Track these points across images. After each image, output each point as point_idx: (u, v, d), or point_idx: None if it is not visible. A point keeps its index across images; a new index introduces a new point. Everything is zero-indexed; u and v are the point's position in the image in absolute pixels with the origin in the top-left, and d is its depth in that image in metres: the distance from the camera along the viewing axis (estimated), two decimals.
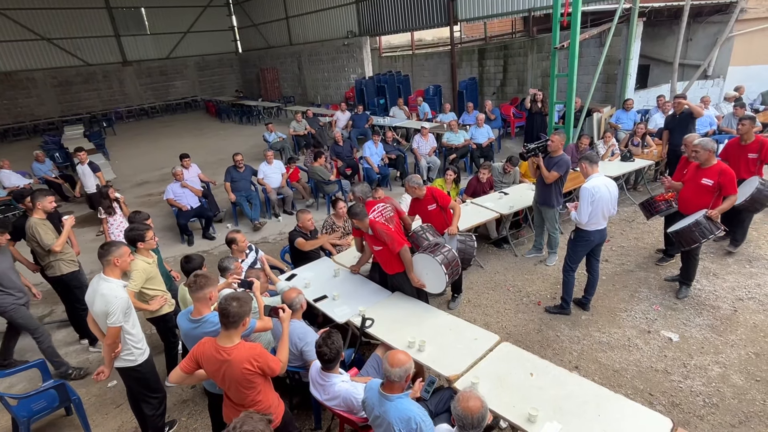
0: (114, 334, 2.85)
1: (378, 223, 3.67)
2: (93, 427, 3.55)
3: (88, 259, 6.47)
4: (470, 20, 13.26)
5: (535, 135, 8.81)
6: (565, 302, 4.41)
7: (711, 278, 4.78)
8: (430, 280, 3.68)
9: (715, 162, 4.10)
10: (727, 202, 4.06)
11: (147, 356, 3.13)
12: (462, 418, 2.04)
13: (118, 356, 2.97)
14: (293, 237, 4.75)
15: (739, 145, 4.89)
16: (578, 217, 4.01)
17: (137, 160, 12.96)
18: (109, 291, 2.83)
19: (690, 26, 10.06)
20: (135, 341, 3.02)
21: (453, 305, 4.71)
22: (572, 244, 4.26)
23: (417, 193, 4.32)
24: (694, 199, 4.22)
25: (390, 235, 3.63)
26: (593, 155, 4.13)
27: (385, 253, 3.75)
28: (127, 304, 2.91)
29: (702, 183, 4.14)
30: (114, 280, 2.91)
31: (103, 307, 2.81)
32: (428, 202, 4.37)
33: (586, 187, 3.94)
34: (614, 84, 10.10)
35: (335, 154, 8.68)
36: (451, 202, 4.41)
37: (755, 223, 5.80)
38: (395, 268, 3.81)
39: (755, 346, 3.79)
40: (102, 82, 21.37)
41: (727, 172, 4.02)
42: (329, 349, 2.68)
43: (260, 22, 22.19)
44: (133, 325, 3.02)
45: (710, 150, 4.08)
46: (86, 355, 4.55)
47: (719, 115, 8.20)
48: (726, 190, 4.03)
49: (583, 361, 3.82)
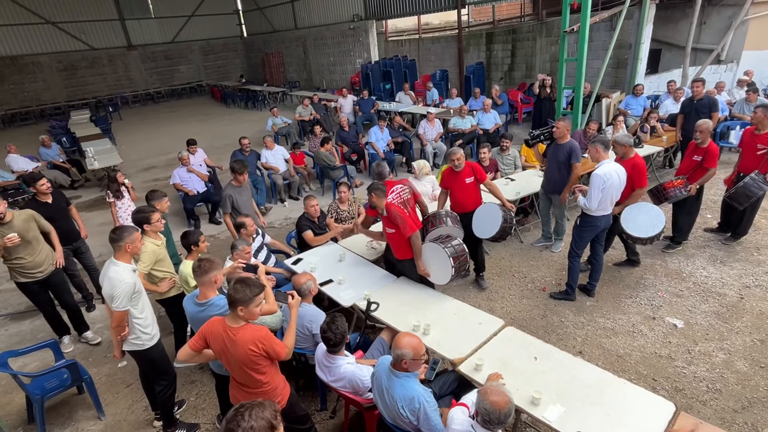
0: (118, 318, 2.86)
1: (393, 206, 3.66)
2: (104, 406, 3.64)
3: (97, 242, 6.57)
4: (478, 3, 13.05)
5: (543, 121, 8.73)
6: (570, 288, 4.41)
7: (718, 265, 4.75)
8: (436, 270, 3.69)
9: (632, 155, 4.25)
10: (633, 197, 4.28)
11: (156, 341, 3.13)
12: (489, 413, 1.99)
13: (126, 339, 3.00)
14: (302, 227, 4.73)
15: (752, 134, 4.78)
16: (588, 203, 3.98)
17: (143, 145, 13.00)
18: (115, 275, 2.83)
19: (704, 9, 9.81)
20: (143, 326, 3.01)
21: (484, 284, 4.80)
22: (578, 230, 4.24)
23: (457, 165, 4.39)
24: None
25: (404, 218, 3.61)
26: (606, 139, 4.04)
27: (396, 236, 3.74)
28: (132, 289, 2.89)
29: None
30: (123, 264, 2.91)
31: (109, 290, 2.82)
32: (467, 174, 4.46)
33: (598, 173, 3.89)
34: (624, 69, 9.92)
35: (341, 140, 8.64)
36: (487, 179, 4.54)
37: (763, 210, 5.73)
38: (404, 253, 3.81)
39: (761, 333, 3.78)
40: (107, 67, 21.35)
41: (639, 165, 4.21)
42: (334, 334, 2.72)
43: (265, 6, 21.94)
44: (142, 310, 3.01)
45: (626, 145, 4.24)
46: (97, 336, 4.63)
47: (730, 100, 8.06)
48: (636, 183, 4.22)
49: (587, 346, 3.84)
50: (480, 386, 2.64)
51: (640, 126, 7.19)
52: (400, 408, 2.35)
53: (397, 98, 12.20)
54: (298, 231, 4.80)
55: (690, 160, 4.76)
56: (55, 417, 3.62)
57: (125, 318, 2.92)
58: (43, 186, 4.50)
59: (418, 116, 10.57)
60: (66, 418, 3.62)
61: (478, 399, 2.06)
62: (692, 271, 4.70)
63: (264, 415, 1.55)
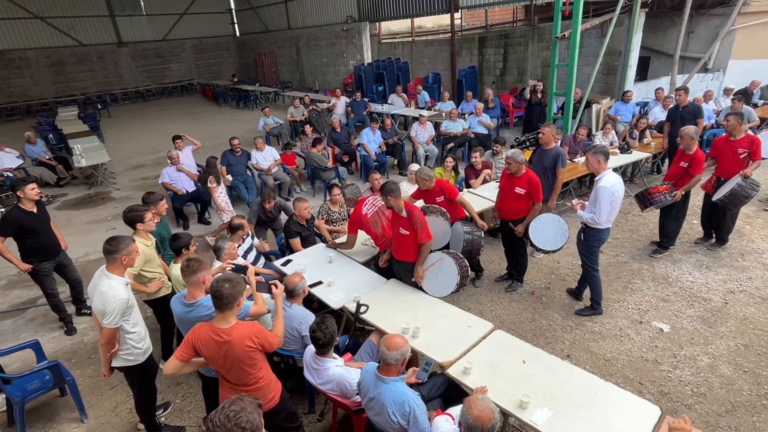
0: (108, 335, 2.71)
1: (416, 209, 3.64)
2: (87, 408, 3.57)
3: (83, 240, 6.47)
4: (471, 8, 13.13)
5: (534, 126, 8.78)
6: (596, 303, 4.28)
7: (704, 271, 4.82)
8: (435, 281, 3.68)
9: (524, 171, 4.27)
10: (532, 212, 4.29)
11: (148, 355, 3.00)
12: (472, 428, 1.96)
13: (116, 355, 2.86)
14: (290, 234, 4.69)
15: (727, 141, 4.86)
16: (597, 217, 3.84)
17: (132, 143, 12.84)
18: (108, 289, 2.67)
19: (692, 18, 9.99)
20: (135, 341, 2.87)
21: (479, 283, 4.85)
22: (586, 246, 4.11)
23: (426, 185, 4.40)
24: (509, 206, 4.44)
25: (424, 224, 3.59)
26: (606, 150, 3.91)
27: (408, 239, 3.69)
28: (126, 304, 2.73)
29: (515, 191, 4.32)
30: (116, 278, 2.75)
31: (100, 306, 2.66)
32: (436, 194, 4.43)
33: (605, 186, 3.77)
34: (614, 75, 10.05)
35: (332, 141, 8.62)
36: (458, 196, 4.45)
37: (749, 216, 5.85)
38: (408, 256, 3.77)
39: (744, 337, 3.84)
40: (96, 63, 21.04)
41: (534, 180, 4.24)
42: (323, 333, 2.70)
43: (258, 5, 21.85)
44: (134, 324, 2.86)
45: (520, 162, 4.24)
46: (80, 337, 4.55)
47: (716, 108, 8.20)
48: (533, 197, 4.27)
49: (575, 350, 3.87)
50: (469, 390, 2.65)
51: (629, 132, 7.29)
52: (391, 414, 2.34)
53: (390, 100, 12.22)
54: (285, 236, 4.76)
55: (677, 167, 4.84)
56: (36, 419, 3.54)
57: (116, 335, 2.77)
58: (33, 191, 4.16)
59: (410, 119, 10.59)
60: (47, 420, 3.54)
61: (462, 411, 2.05)
62: (678, 276, 4.76)
63: (248, 408, 1.61)
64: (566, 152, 6.62)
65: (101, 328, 2.77)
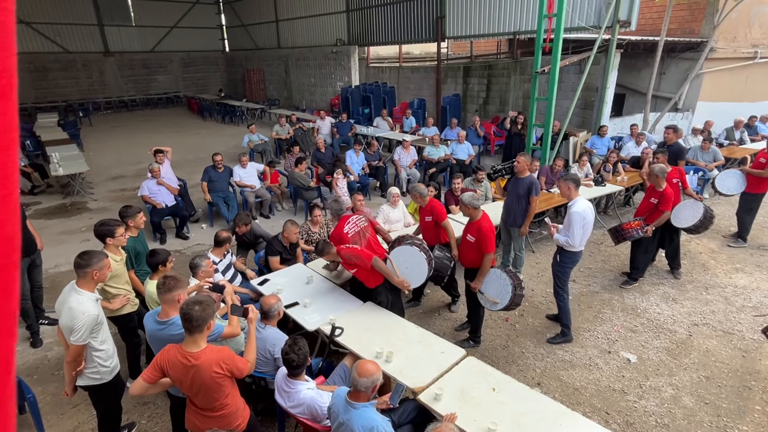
0: (75, 352, 2.66)
1: (343, 250, 3.76)
2: (47, 428, 3.43)
3: (54, 252, 6.30)
4: (457, 38, 13.58)
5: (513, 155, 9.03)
6: (567, 328, 4.36)
7: (670, 303, 4.99)
8: (412, 273, 3.83)
9: (479, 217, 3.98)
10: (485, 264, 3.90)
11: (116, 374, 2.94)
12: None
13: (82, 374, 2.79)
14: (271, 252, 4.67)
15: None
16: (571, 241, 4.02)
17: (113, 154, 12.64)
18: (77, 305, 2.63)
19: (664, 60, 10.56)
20: (103, 359, 2.82)
21: (455, 308, 4.94)
22: (560, 267, 4.25)
23: (419, 202, 4.65)
24: (463, 253, 4.20)
25: (357, 254, 3.71)
26: (577, 177, 4.18)
27: (361, 272, 3.82)
28: (95, 321, 2.69)
29: (467, 238, 4.08)
30: (86, 294, 2.71)
31: (68, 322, 2.61)
32: (426, 213, 4.63)
33: (577, 211, 3.98)
34: (591, 110, 10.48)
35: (316, 161, 8.69)
36: (445, 221, 4.55)
37: (713, 252, 6.10)
38: (375, 281, 3.86)
39: (706, 370, 3.98)
40: (81, 71, 20.82)
41: (484, 228, 3.90)
42: (296, 355, 2.69)
43: (249, 23, 22.12)
44: (103, 341, 2.81)
45: (473, 207, 3.99)
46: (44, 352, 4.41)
47: (684, 147, 8.61)
48: (484, 248, 3.88)
49: (546, 378, 3.93)
50: (439, 417, 2.67)
51: (602, 165, 7.58)
52: None
53: (375, 123, 12.42)
54: (266, 252, 4.76)
55: (647, 202, 5.06)
56: None
57: (83, 353, 2.71)
58: None
59: (394, 142, 10.78)
60: None
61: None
62: (646, 308, 4.92)
63: None
64: (543, 182, 6.86)
65: (67, 345, 2.70)
